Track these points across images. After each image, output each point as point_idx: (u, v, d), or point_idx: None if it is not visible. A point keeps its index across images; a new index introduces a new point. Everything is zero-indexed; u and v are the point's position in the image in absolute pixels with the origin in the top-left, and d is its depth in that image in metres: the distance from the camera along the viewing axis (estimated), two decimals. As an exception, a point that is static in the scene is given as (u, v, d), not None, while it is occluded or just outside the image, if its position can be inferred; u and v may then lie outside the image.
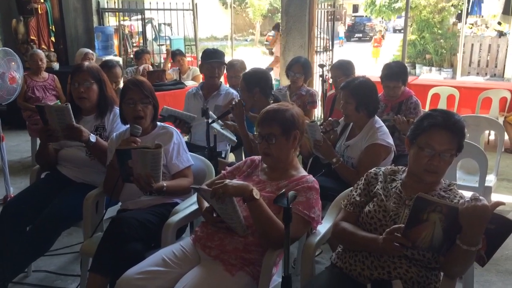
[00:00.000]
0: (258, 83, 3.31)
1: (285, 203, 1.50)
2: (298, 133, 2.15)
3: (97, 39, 7.41)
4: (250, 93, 3.31)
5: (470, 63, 13.05)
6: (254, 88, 3.30)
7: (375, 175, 2.08)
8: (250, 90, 3.31)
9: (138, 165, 2.23)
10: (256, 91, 3.30)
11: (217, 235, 2.06)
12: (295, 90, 4.35)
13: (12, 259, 2.59)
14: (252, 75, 3.37)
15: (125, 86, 2.60)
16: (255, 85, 3.30)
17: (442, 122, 1.88)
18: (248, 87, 3.33)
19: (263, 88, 3.32)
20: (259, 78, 3.33)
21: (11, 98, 3.54)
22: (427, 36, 14.03)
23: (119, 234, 2.20)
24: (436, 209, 1.62)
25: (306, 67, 4.32)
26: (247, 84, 3.33)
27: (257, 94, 3.29)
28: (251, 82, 3.32)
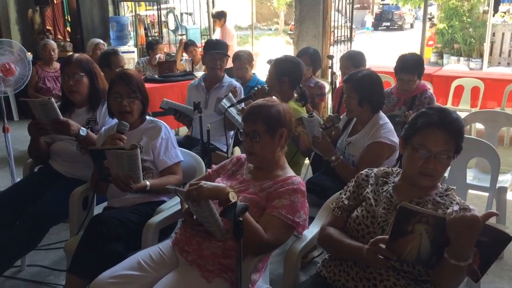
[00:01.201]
0: (289, 73, 3.09)
1: (232, 216, 1.36)
2: (285, 131, 2.00)
3: (112, 29, 7.37)
4: (278, 80, 3.09)
5: (500, 53, 12.52)
6: (283, 76, 3.08)
7: (366, 177, 1.93)
8: (279, 78, 3.09)
9: (114, 165, 2.13)
10: (285, 80, 3.08)
11: (195, 239, 1.94)
12: (303, 82, 4.18)
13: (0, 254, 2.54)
14: (286, 63, 3.13)
15: (112, 79, 2.50)
16: (286, 74, 3.08)
17: (438, 121, 1.71)
18: (278, 74, 3.10)
19: (293, 79, 3.10)
20: (292, 67, 3.11)
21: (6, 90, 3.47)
22: (455, 24, 13.51)
23: (97, 234, 2.11)
24: (422, 219, 1.46)
25: (314, 58, 4.15)
26: (277, 70, 3.10)
27: (285, 84, 3.08)
28: (282, 70, 3.09)
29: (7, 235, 2.54)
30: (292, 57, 3.34)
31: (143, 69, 6.06)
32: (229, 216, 1.40)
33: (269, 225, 1.83)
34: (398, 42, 18.44)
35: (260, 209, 1.91)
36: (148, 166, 2.44)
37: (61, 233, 3.27)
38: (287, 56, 3.29)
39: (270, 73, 3.18)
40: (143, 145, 2.44)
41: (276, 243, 1.86)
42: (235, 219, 1.37)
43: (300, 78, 3.18)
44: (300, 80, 3.19)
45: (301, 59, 4.12)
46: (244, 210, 1.41)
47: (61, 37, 7.43)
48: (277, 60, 3.19)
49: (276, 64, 3.15)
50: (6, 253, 2.55)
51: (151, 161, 2.45)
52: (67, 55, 6.99)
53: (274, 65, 3.15)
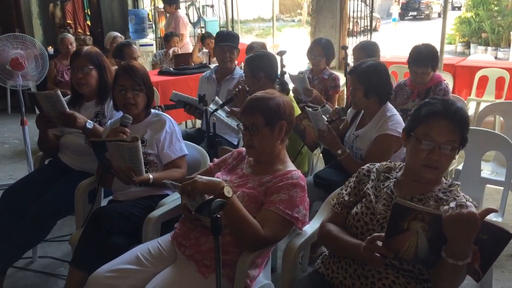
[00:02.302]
0: (262, 67, 3.09)
1: (207, 213, 1.32)
2: (285, 124, 1.96)
3: (131, 22, 7.41)
4: (255, 78, 3.10)
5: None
6: (258, 72, 3.08)
7: (368, 172, 1.87)
8: (254, 75, 3.10)
9: (115, 158, 2.13)
10: (261, 76, 3.08)
11: (192, 234, 1.92)
12: (317, 73, 4.12)
13: (9, 245, 2.59)
14: (256, 59, 3.14)
15: (117, 72, 2.50)
16: (259, 69, 3.08)
17: (442, 110, 1.64)
18: (252, 72, 3.11)
19: (268, 72, 3.10)
20: (263, 61, 3.11)
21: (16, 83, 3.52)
22: (482, 13, 13.09)
23: (98, 227, 2.12)
24: (417, 217, 1.40)
25: (327, 49, 4.06)
26: (251, 68, 3.12)
27: (262, 79, 3.08)
28: (255, 67, 3.10)
29: (16, 227, 2.58)
30: (262, 51, 3.37)
31: (159, 61, 6.08)
32: (204, 213, 1.37)
33: (266, 221, 1.80)
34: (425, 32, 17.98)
35: (259, 204, 1.87)
36: (152, 160, 2.43)
37: (73, 225, 3.30)
38: (257, 53, 3.31)
39: (245, 73, 3.20)
40: (147, 139, 2.44)
41: (273, 239, 1.83)
42: (210, 216, 1.33)
43: (275, 69, 3.20)
44: (276, 71, 3.21)
45: (313, 50, 4.08)
46: (220, 207, 1.37)
47: (81, 30, 7.53)
48: (247, 59, 3.22)
49: (248, 63, 3.18)
50: (15, 244, 2.59)
51: (155, 155, 2.44)
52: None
53: (246, 64, 3.18)
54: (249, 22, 22.37)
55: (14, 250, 2.60)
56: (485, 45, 13.13)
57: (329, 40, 4.27)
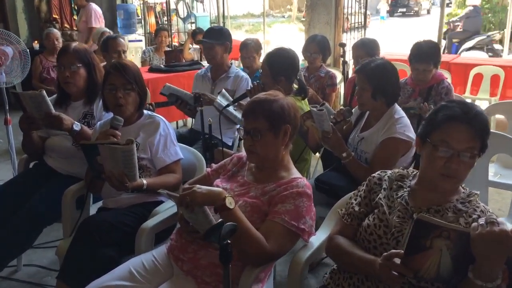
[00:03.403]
0: (284, 71, 2.83)
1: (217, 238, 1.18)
2: (289, 128, 1.82)
3: (119, 17, 7.20)
4: (274, 80, 2.84)
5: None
6: (279, 76, 2.82)
7: (379, 180, 1.74)
8: (274, 78, 2.83)
9: (108, 162, 1.97)
10: (281, 80, 2.83)
11: (190, 247, 1.78)
12: (313, 71, 3.99)
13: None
14: (279, 62, 2.85)
15: (107, 70, 2.34)
16: (281, 73, 2.82)
17: (461, 114, 1.51)
18: (272, 74, 2.84)
19: (289, 76, 2.86)
20: (286, 65, 2.84)
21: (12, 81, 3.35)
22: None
23: (87, 239, 1.96)
24: (442, 234, 1.27)
25: (323, 46, 3.92)
26: (272, 70, 2.84)
27: (282, 82, 2.83)
28: (276, 70, 2.82)
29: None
30: (285, 51, 2.97)
31: (149, 58, 5.89)
32: (214, 239, 1.22)
33: (271, 233, 1.66)
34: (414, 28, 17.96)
35: (262, 215, 1.74)
36: (145, 165, 2.28)
37: (60, 230, 3.12)
38: (280, 51, 2.96)
39: (265, 71, 2.90)
40: (140, 142, 2.28)
41: (279, 253, 1.69)
42: (220, 243, 1.19)
43: (297, 71, 2.93)
44: (297, 73, 2.94)
45: (309, 47, 3.94)
46: (232, 232, 1.23)
47: (67, 25, 7.30)
48: (270, 58, 2.89)
49: (269, 62, 2.87)
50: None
51: (149, 159, 2.29)
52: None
53: (267, 64, 2.87)
54: (238, 17, 22.15)
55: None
56: (476, 42, 13.09)
57: (325, 37, 4.14)
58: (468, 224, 1.51)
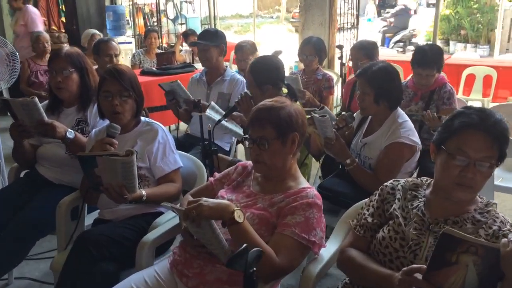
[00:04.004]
0: (269, 79, 2.78)
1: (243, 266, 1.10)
2: (297, 135, 1.74)
3: (108, 18, 7.07)
4: (260, 90, 2.79)
5: (508, 39, 12.17)
6: (264, 85, 2.78)
7: (392, 190, 1.67)
8: (260, 87, 2.79)
9: (106, 174, 1.87)
10: (268, 88, 2.78)
11: (196, 261, 1.69)
12: (310, 74, 3.92)
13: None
14: (262, 70, 2.81)
15: (102, 76, 2.24)
16: (266, 82, 2.77)
17: (478, 122, 1.45)
18: (257, 83, 2.80)
19: (275, 83, 2.80)
20: (270, 73, 2.79)
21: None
22: (461, 10, 13.12)
23: (85, 254, 1.86)
24: (469, 249, 1.21)
25: (318, 47, 3.85)
26: (256, 80, 2.80)
27: (269, 91, 2.77)
28: (261, 79, 2.78)
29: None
30: (268, 59, 2.96)
31: (139, 61, 5.77)
32: (238, 267, 1.13)
33: (281, 247, 1.58)
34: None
35: (270, 227, 1.66)
36: (144, 174, 2.19)
37: (53, 240, 3.01)
38: (262, 60, 2.93)
39: (250, 81, 2.86)
40: (137, 150, 2.18)
41: (290, 267, 1.61)
42: (246, 272, 1.10)
43: (282, 77, 2.88)
44: (283, 79, 2.89)
45: (304, 49, 3.87)
46: (258, 258, 1.14)
47: (55, 28, 7.16)
48: (253, 69, 2.85)
49: (253, 72, 2.82)
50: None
51: (147, 168, 2.20)
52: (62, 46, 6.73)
53: (251, 74, 2.83)
54: (227, 18, 22.03)
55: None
56: (465, 42, 13.15)
57: (320, 38, 4.07)
58: (488, 236, 1.45)
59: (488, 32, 12.84)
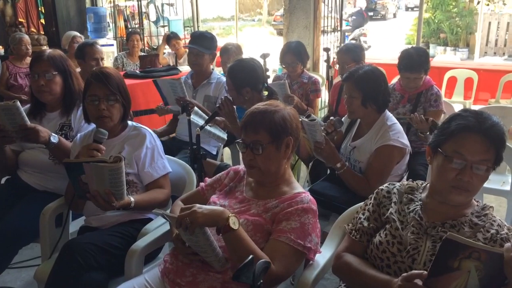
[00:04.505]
0: (248, 82, 2.76)
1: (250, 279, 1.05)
2: (291, 139, 1.71)
3: (89, 20, 6.95)
4: (239, 92, 2.78)
5: (487, 43, 12.39)
6: (243, 87, 2.76)
7: (388, 193, 1.65)
8: (239, 90, 2.78)
9: (93, 181, 1.81)
10: (247, 91, 2.77)
11: (188, 270, 1.64)
12: (295, 78, 3.88)
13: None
14: (240, 73, 2.79)
15: (88, 79, 2.17)
16: (245, 85, 2.76)
17: (475, 124, 1.44)
18: (236, 86, 2.78)
19: (255, 85, 2.78)
20: (248, 75, 2.77)
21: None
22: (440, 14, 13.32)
23: (71, 263, 1.79)
24: (472, 255, 1.19)
25: (298, 53, 3.81)
26: (234, 83, 2.79)
27: (249, 93, 2.76)
28: (239, 82, 2.77)
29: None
30: (245, 61, 2.92)
31: (122, 64, 5.68)
32: (245, 280, 1.08)
33: (276, 253, 1.55)
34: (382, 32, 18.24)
35: (265, 234, 1.62)
36: (132, 180, 2.13)
37: (35, 248, 2.93)
38: (240, 63, 2.90)
39: (229, 85, 2.86)
40: (125, 156, 2.11)
41: (286, 274, 1.58)
42: (254, 284, 1.06)
43: (262, 79, 2.86)
44: (262, 81, 2.87)
45: (285, 58, 3.83)
46: (265, 269, 1.10)
47: (34, 30, 7.00)
48: (231, 72, 2.84)
49: (231, 76, 2.82)
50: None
51: (135, 174, 2.14)
52: (42, 49, 6.59)
53: (229, 77, 2.83)
54: (208, 21, 21.97)
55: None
56: (444, 45, 13.35)
57: (299, 42, 4.04)
58: (486, 240, 1.44)
59: (467, 36, 13.05)
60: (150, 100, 4.37)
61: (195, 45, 3.37)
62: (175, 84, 3.04)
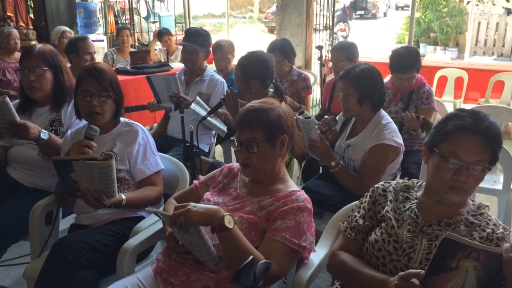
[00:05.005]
0: (257, 74, 2.69)
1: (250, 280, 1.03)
2: (287, 137, 1.70)
3: (79, 15, 6.87)
4: (247, 85, 2.71)
5: (476, 42, 12.48)
6: (252, 80, 2.69)
7: (384, 191, 1.64)
8: (247, 82, 2.70)
9: (83, 179, 1.78)
10: (255, 84, 2.69)
11: (182, 269, 1.62)
12: (285, 76, 3.85)
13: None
14: (252, 65, 2.71)
15: (80, 75, 2.13)
16: (254, 77, 2.68)
17: (472, 125, 1.43)
18: (245, 78, 2.70)
19: (263, 79, 2.71)
20: (259, 68, 2.70)
21: None
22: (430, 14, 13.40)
23: (61, 262, 1.76)
24: (471, 255, 1.18)
25: (284, 50, 3.77)
26: (244, 75, 2.71)
27: (256, 86, 2.70)
28: (249, 73, 2.69)
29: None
30: (258, 54, 2.81)
31: (112, 61, 5.61)
32: (246, 281, 1.06)
33: (271, 252, 1.53)
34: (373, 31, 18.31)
35: (260, 232, 1.60)
36: (124, 177, 2.10)
37: (24, 245, 2.88)
38: (252, 55, 2.80)
39: (237, 76, 2.78)
40: (117, 152, 2.10)
41: (280, 274, 1.56)
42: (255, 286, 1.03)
43: (271, 74, 2.78)
44: (272, 76, 2.80)
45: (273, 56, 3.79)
46: (266, 270, 1.08)
47: (23, 24, 6.89)
48: (242, 62, 2.75)
49: (242, 67, 2.74)
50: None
51: (127, 171, 2.11)
52: (31, 44, 6.50)
53: (240, 68, 2.75)
54: (199, 18, 21.87)
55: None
56: (434, 45, 13.43)
57: (285, 39, 4.00)
58: (482, 239, 1.44)
59: (456, 35, 13.14)
60: (141, 96, 4.33)
61: (190, 42, 3.33)
62: (170, 80, 3.01)
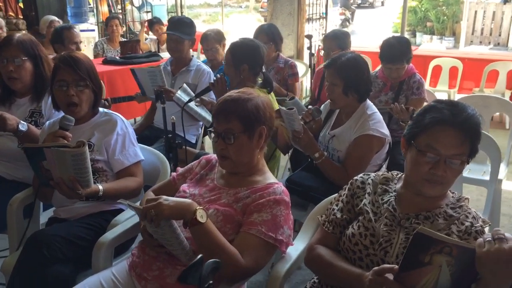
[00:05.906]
0: (247, 59, 2.71)
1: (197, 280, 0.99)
2: (265, 129, 1.65)
3: (70, 4, 6.77)
4: (236, 69, 2.73)
5: (473, 31, 12.42)
6: (242, 64, 2.70)
7: (362, 184, 1.60)
8: (236, 66, 2.72)
9: (56, 167, 1.74)
10: (244, 68, 2.71)
11: (155, 263, 1.59)
12: (271, 63, 3.79)
13: None
14: (241, 48, 2.75)
15: (56, 64, 2.09)
16: (243, 61, 2.70)
17: (449, 117, 1.39)
18: (234, 62, 2.73)
19: (253, 65, 2.73)
20: (249, 52, 2.72)
21: None
22: (427, 3, 13.32)
23: (36, 256, 1.73)
24: (444, 250, 1.15)
25: (271, 33, 3.73)
26: (235, 58, 2.73)
27: (245, 72, 2.72)
28: (238, 57, 2.72)
29: None
30: (249, 40, 2.90)
31: (102, 51, 5.54)
32: (192, 281, 1.02)
33: (246, 246, 1.50)
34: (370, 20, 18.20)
35: (235, 225, 1.57)
36: (101, 167, 2.06)
37: (4, 239, 2.84)
38: (244, 40, 2.86)
39: (227, 60, 2.81)
40: (94, 142, 2.06)
41: (256, 268, 1.52)
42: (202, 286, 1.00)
43: (261, 62, 2.81)
44: (261, 64, 2.82)
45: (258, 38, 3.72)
46: (215, 270, 1.04)
47: (12, 13, 6.80)
48: (233, 46, 2.79)
49: (232, 50, 2.77)
50: None
51: (105, 161, 2.07)
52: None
53: (230, 52, 2.78)
54: (195, 7, 21.72)
55: None
56: (431, 34, 13.37)
57: (272, 24, 3.94)
58: (461, 232, 1.40)
59: (453, 24, 13.07)
60: (129, 87, 4.27)
61: (174, 31, 3.28)
62: (155, 72, 2.97)
